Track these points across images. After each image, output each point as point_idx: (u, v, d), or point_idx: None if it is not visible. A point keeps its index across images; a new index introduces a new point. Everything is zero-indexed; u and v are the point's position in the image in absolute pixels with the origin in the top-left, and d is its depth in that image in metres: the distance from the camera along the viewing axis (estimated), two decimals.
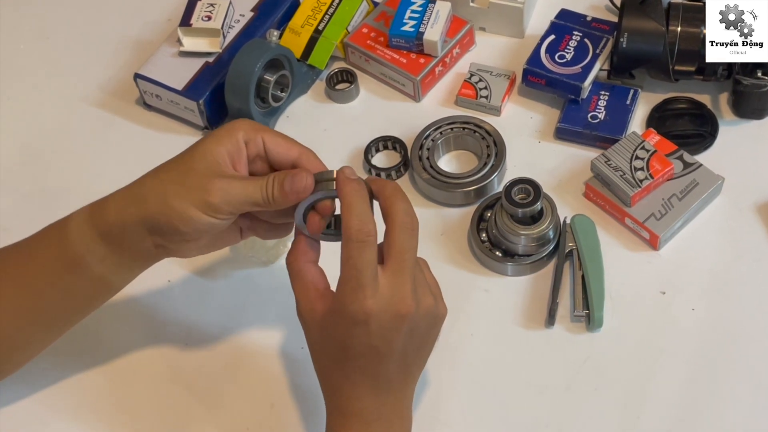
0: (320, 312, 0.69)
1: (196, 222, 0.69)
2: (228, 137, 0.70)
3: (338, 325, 0.67)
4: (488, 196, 0.91)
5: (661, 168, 0.87)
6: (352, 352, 0.68)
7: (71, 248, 0.72)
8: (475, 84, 0.99)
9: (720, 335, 0.82)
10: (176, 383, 0.84)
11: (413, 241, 0.68)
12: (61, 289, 0.74)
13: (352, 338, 0.67)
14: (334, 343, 0.69)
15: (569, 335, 0.83)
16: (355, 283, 0.65)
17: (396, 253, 0.67)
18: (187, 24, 1.00)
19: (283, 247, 0.89)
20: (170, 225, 0.69)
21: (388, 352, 0.68)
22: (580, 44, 0.97)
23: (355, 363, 0.68)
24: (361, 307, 0.65)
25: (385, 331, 0.66)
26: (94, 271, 0.73)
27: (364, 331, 0.66)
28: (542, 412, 0.79)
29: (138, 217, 0.70)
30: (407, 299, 0.67)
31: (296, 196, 0.68)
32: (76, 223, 0.73)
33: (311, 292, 0.70)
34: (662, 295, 0.85)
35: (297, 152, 0.72)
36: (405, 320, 0.67)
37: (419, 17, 0.99)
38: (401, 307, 0.66)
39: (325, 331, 0.69)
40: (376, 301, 0.65)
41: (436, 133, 0.95)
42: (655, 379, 0.80)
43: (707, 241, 0.88)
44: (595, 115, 0.94)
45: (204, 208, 0.68)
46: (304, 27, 1.01)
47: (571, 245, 0.86)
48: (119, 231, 0.71)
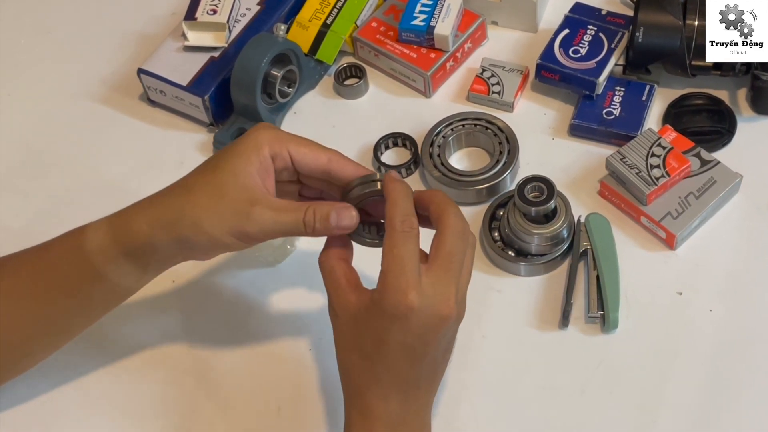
0: (354, 304, 0.66)
1: (231, 246, 0.70)
2: (255, 154, 0.69)
3: (375, 318, 0.65)
4: (501, 194, 0.91)
5: (677, 165, 0.87)
6: (385, 349, 0.65)
7: (92, 264, 0.72)
8: (487, 79, 0.98)
9: (738, 337, 0.81)
10: (181, 386, 0.83)
11: (462, 245, 0.67)
12: (80, 300, 0.75)
13: (389, 334, 0.64)
14: (367, 339, 0.66)
15: (583, 337, 0.82)
16: (398, 272, 0.63)
17: (445, 254, 0.65)
18: (192, 18, 0.99)
19: (290, 247, 0.89)
20: (203, 246, 0.70)
21: (422, 354, 0.66)
22: (595, 39, 0.96)
23: (387, 362, 0.66)
24: (402, 300, 0.63)
25: (423, 330, 0.64)
26: (116, 284, 0.73)
27: (403, 327, 0.64)
28: (556, 416, 0.79)
29: (168, 239, 0.70)
30: (450, 301, 0.65)
31: (342, 231, 0.68)
32: (98, 240, 0.72)
33: (344, 285, 0.68)
34: (679, 295, 0.84)
35: (326, 159, 0.70)
36: (445, 322, 0.65)
37: (430, 11, 0.98)
38: (443, 308, 0.64)
39: (359, 324, 0.66)
40: (419, 296, 0.63)
41: (447, 129, 0.94)
42: (672, 382, 0.79)
43: (725, 241, 0.87)
44: (610, 111, 0.93)
45: (240, 236, 0.68)
46: (312, 21, 1.01)
47: (585, 245, 0.86)
48: (150, 250, 0.71)
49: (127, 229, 0.71)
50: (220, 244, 0.69)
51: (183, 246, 0.70)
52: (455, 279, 0.65)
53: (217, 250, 0.72)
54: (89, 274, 0.73)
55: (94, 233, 0.72)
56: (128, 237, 0.71)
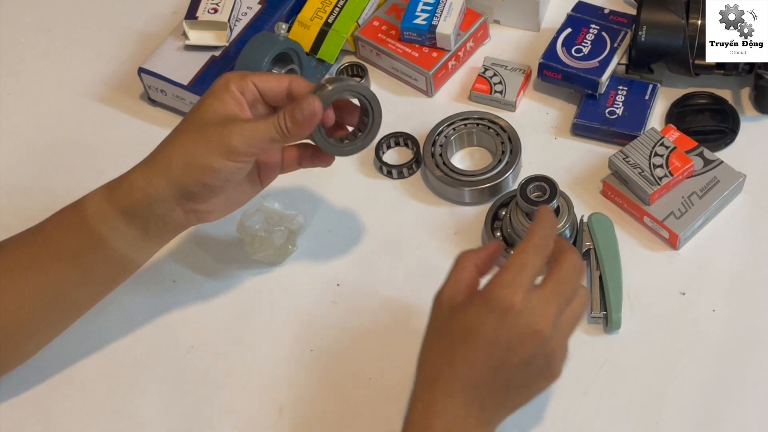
0: (460, 301, 0.66)
1: (223, 171, 0.74)
2: (225, 91, 0.75)
3: (475, 305, 0.65)
4: (503, 194, 0.90)
5: (680, 165, 0.86)
6: (471, 340, 0.64)
7: (91, 229, 0.75)
8: (489, 79, 0.98)
9: (741, 337, 0.81)
10: (182, 386, 0.83)
11: (576, 279, 0.67)
12: (82, 271, 0.77)
13: (481, 325, 0.64)
14: (459, 326, 0.65)
15: (586, 337, 0.82)
16: (516, 272, 0.64)
17: (558, 279, 0.66)
18: (193, 17, 0.99)
19: (291, 247, 0.88)
20: (198, 182, 0.74)
21: (502, 360, 0.64)
22: (598, 38, 0.96)
23: (467, 353, 0.64)
24: (508, 296, 0.63)
25: (513, 335, 0.64)
26: (115, 250, 0.76)
27: (496, 322, 0.63)
28: (558, 417, 0.78)
29: (165, 186, 0.74)
30: (548, 320, 0.64)
31: (310, 122, 0.74)
32: (95, 204, 0.75)
33: (463, 283, 0.67)
34: (682, 296, 0.84)
35: (287, 81, 0.77)
36: (536, 338, 0.64)
37: (432, 10, 0.98)
38: (540, 323, 0.64)
39: (456, 314, 0.66)
40: (523, 300, 0.63)
41: (449, 129, 0.94)
42: (675, 382, 0.79)
43: (728, 241, 0.87)
44: (612, 110, 0.93)
45: (227, 154, 0.73)
46: (313, 20, 1.00)
47: (588, 244, 0.85)
48: (146, 206, 0.74)
49: (122, 187, 0.75)
50: (212, 171, 0.73)
51: (180, 192, 0.74)
52: (560, 305, 0.65)
53: (212, 187, 0.75)
54: (88, 241, 0.75)
55: (92, 198, 0.76)
56: (124, 194, 0.75)
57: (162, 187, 0.74)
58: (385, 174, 0.94)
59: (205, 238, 0.91)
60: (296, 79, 0.77)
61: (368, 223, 0.91)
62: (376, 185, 0.94)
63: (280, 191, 0.92)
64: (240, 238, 0.88)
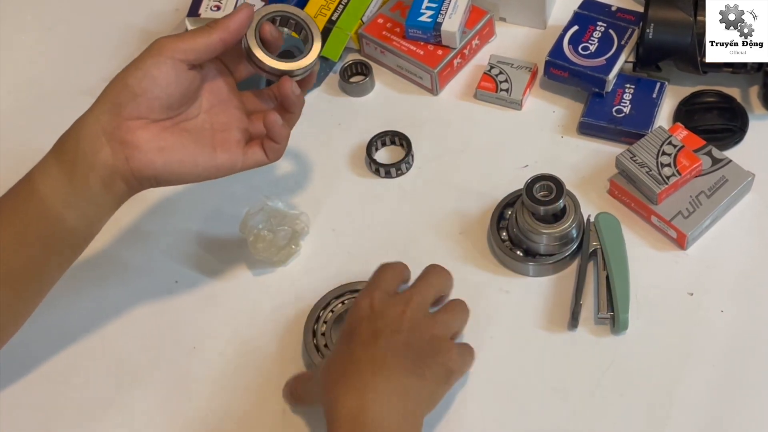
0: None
1: (150, 70, 0.72)
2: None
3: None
4: (508, 193, 0.89)
5: (688, 164, 0.86)
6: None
7: (29, 175, 0.74)
8: (495, 77, 0.97)
9: (750, 338, 0.81)
10: (184, 387, 0.83)
11: (434, 286, 0.78)
12: (18, 229, 0.73)
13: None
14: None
15: (593, 338, 0.82)
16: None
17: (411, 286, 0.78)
18: (195, 14, 0.99)
19: (295, 247, 0.88)
20: (122, 83, 0.72)
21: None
22: (605, 35, 0.95)
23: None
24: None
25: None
26: (44, 197, 0.72)
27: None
28: (565, 419, 0.78)
29: (93, 108, 0.73)
30: (375, 300, 0.75)
31: (242, 22, 0.75)
32: (44, 164, 0.75)
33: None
34: (690, 296, 0.83)
35: (217, 38, 0.75)
36: (361, 312, 0.75)
37: (437, 7, 0.98)
38: (364, 302, 0.75)
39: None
40: (364, 296, 0.76)
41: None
42: (683, 383, 0.78)
43: (737, 240, 0.86)
44: (620, 109, 0.92)
45: (156, 53, 0.72)
46: (317, 17, 1.00)
47: (595, 244, 0.85)
48: (73, 138, 0.73)
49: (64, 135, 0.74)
50: (137, 69, 0.72)
51: (107, 106, 0.73)
52: (382, 287, 0.76)
53: (135, 89, 0.73)
54: (23, 185, 0.74)
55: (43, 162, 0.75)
56: (62, 138, 0.74)
57: (89, 119, 0.73)
58: (373, 171, 0.94)
59: (207, 238, 0.91)
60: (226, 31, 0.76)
61: (373, 223, 0.91)
62: (380, 185, 0.93)
63: (283, 190, 0.92)
64: (243, 238, 0.87)
